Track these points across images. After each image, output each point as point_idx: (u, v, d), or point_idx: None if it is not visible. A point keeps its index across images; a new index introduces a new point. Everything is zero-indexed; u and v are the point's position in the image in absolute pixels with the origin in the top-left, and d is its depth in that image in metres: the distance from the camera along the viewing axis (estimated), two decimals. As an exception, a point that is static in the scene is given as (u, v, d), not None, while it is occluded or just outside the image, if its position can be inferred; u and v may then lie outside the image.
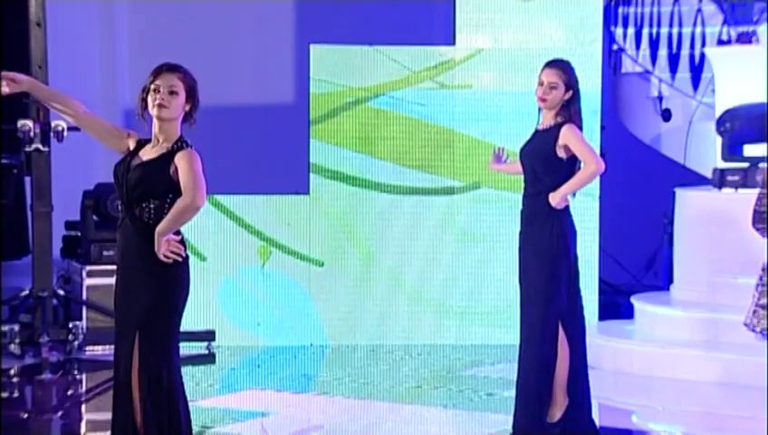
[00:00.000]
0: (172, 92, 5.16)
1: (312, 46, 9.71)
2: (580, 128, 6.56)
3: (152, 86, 5.17)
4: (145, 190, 5.14)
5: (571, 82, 6.55)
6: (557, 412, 6.58)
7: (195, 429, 5.41)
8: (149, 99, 5.18)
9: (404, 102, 9.69)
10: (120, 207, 5.27)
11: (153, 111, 5.16)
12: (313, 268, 9.64)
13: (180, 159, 5.14)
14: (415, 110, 9.71)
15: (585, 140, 6.59)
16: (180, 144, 5.18)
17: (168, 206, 5.14)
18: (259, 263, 9.56)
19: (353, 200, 9.66)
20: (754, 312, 5.87)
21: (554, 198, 6.48)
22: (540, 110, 6.62)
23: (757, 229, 5.64)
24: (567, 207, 6.57)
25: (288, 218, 9.62)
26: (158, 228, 5.10)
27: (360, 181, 9.69)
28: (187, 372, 6.92)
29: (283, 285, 9.62)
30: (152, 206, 5.16)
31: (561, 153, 6.51)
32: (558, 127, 6.52)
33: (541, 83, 6.56)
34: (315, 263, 9.62)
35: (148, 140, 5.25)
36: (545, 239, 6.52)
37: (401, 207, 9.70)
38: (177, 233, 5.17)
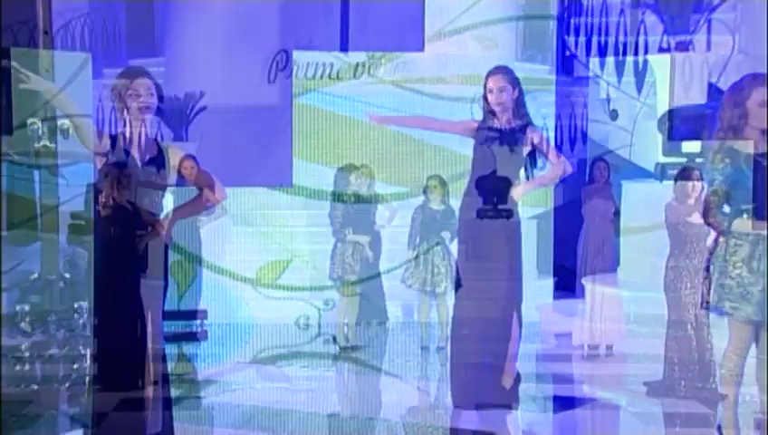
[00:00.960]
0: (150, 94, 5.22)
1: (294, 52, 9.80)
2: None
3: (130, 91, 5.19)
4: (151, 185, 5.19)
5: (515, 82, 6.66)
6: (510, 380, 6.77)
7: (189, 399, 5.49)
8: (130, 102, 5.19)
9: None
10: (112, 201, 5.25)
11: (137, 113, 5.18)
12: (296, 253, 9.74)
13: (182, 158, 5.21)
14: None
15: (550, 143, 6.73)
16: (165, 143, 5.26)
17: (163, 197, 5.22)
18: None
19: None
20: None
21: (518, 193, 6.58)
22: (491, 113, 6.67)
23: (708, 224, 5.59)
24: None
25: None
26: (172, 214, 5.18)
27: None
28: (184, 347, 7.02)
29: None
30: (156, 199, 5.24)
31: (526, 150, 6.62)
32: (522, 128, 6.62)
33: (491, 90, 6.64)
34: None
35: (122, 138, 5.26)
36: (511, 231, 6.58)
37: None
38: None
